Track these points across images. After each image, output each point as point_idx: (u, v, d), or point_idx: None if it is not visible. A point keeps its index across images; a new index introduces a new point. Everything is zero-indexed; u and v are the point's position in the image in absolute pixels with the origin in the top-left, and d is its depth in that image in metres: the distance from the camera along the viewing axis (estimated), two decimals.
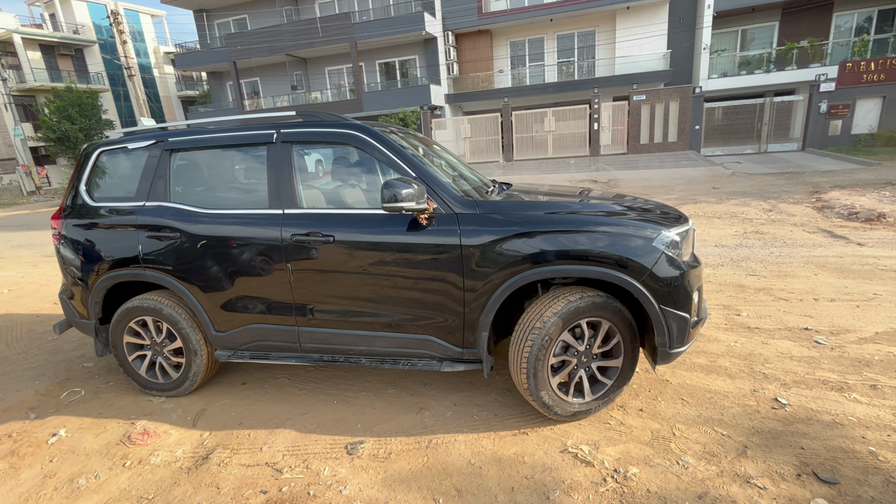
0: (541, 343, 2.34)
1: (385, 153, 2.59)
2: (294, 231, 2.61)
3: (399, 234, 2.49)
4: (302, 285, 2.66)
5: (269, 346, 2.87)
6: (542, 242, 2.33)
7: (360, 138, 2.62)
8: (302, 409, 2.85)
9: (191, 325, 2.93)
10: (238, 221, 2.72)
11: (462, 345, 2.57)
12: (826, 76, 15.06)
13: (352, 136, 2.64)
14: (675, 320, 2.32)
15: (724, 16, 18.64)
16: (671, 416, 2.53)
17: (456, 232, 2.42)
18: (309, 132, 2.70)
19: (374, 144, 2.60)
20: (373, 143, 2.61)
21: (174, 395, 3.09)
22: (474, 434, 2.48)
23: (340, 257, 2.57)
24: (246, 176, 2.90)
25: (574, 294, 2.38)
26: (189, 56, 23.07)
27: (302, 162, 2.82)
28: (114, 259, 2.93)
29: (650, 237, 2.31)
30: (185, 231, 2.78)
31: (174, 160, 2.92)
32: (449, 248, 2.42)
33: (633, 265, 2.27)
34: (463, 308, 2.48)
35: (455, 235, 2.42)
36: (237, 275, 2.74)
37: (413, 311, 2.56)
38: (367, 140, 2.61)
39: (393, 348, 2.66)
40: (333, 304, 2.66)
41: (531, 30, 20.80)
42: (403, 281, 2.52)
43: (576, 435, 2.42)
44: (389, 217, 2.52)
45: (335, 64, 22.22)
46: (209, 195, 2.89)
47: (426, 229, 2.46)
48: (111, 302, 3.15)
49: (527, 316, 2.44)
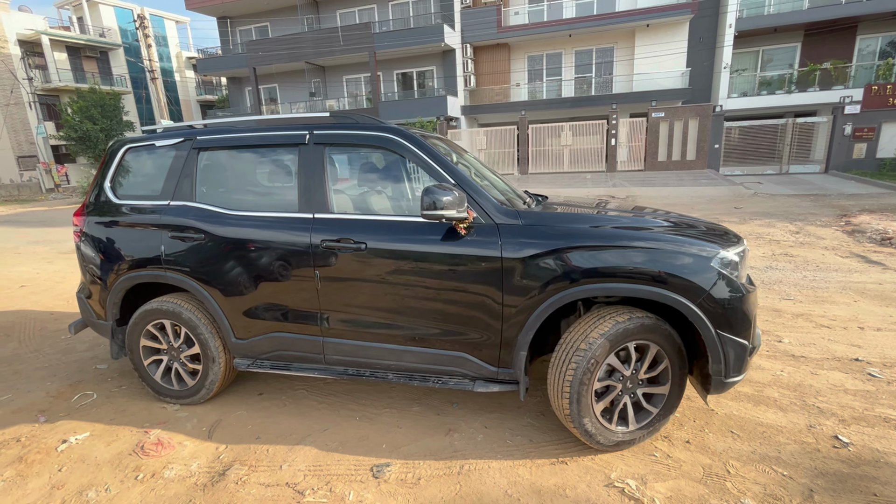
0: (586, 366, 2.17)
1: (423, 158, 2.47)
2: (324, 237, 2.48)
3: (435, 243, 2.35)
4: (329, 293, 2.53)
5: (291, 357, 2.73)
6: (590, 258, 2.17)
7: (397, 142, 2.51)
8: (323, 425, 2.70)
9: (210, 331, 2.81)
10: (265, 225, 2.61)
11: (497, 364, 2.41)
12: (851, 98, 14.83)
13: (388, 139, 2.52)
14: (733, 347, 2.14)
15: (746, 36, 18.54)
16: (722, 451, 2.33)
17: (496, 244, 2.28)
18: (343, 134, 2.60)
19: (412, 149, 2.48)
20: (411, 147, 2.49)
21: (189, 402, 2.96)
22: (509, 461, 2.31)
23: (372, 266, 2.44)
24: (275, 177, 2.79)
25: (622, 314, 2.22)
26: (211, 61, 23.45)
27: (334, 165, 2.71)
28: (135, 259, 2.83)
29: (707, 256, 2.15)
30: (209, 232, 2.67)
31: (201, 159, 2.83)
32: (488, 261, 2.28)
33: (689, 286, 2.10)
34: (500, 325, 2.33)
35: (495, 247, 2.28)
36: (261, 280, 2.62)
37: (446, 325, 2.41)
38: (404, 144, 2.50)
39: (423, 364, 2.51)
40: (362, 315, 2.52)
41: (549, 44, 20.85)
42: (438, 293, 2.37)
43: (620, 467, 2.23)
44: (426, 225, 2.39)
45: (353, 73, 22.42)
46: (236, 196, 2.79)
47: (464, 240, 2.32)
48: (129, 303, 3.04)
49: (569, 336, 2.28)
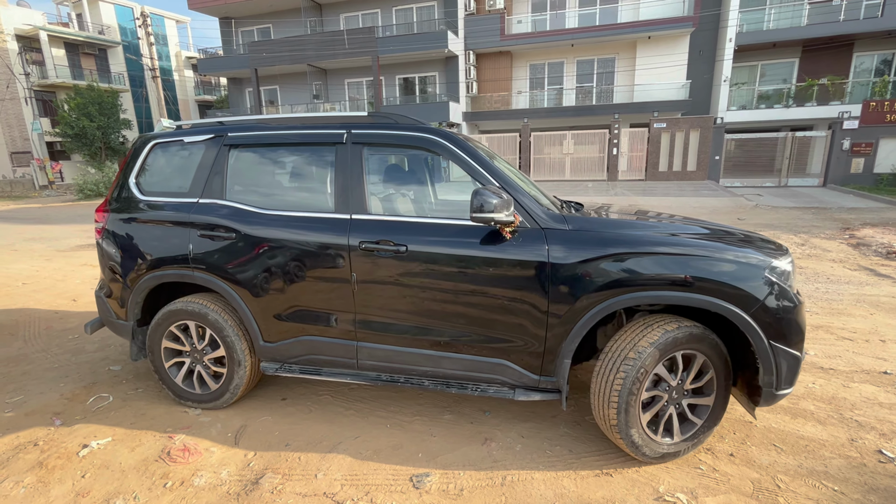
0: (635, 376, 2.12)
1: (467, 160, 2.42)
2: (363, 238, 2.42)
3: (479, 247, 2.30)
4: (366, 297, 2.46)
5: (322, 361, 2.65)
6: (641, 265, 2.13)
7: (439, 143, 2.46)
8: (353, 432, 2.61)
9: (237, 334, 2.72)
10: (300, 225, 2.54)
11: (540, 372, 2.35)
12: (849, 114, 15.07)
13: (430, 140, 2.47)
14: (786, 358, 2.11)
15: (745, 50, 18.80)
16: (768, 465, 2.29)
17: (543, 249, 2.23)
18: (382, 134, 2.54)
19: (455, 151, 2.44)
20: (453, 149, 2.44)
21: (211, 407, 2.86)
22: (552, 472, 2.24)
23: (412, 269, 2.38)
24: (310, 177, 2.73)
25: (670, 323, 2.18)
26: (212, 61, 23.33)
27: (372, 165, 2.65)
28: (161, 257, 2.74)
29: (761, 265, 2.12)
30: (240, 232, 2.59)
31: (233, 156, 2.76)
32: (534, 266, 2.23)
33: (743, 295, 2.07)
34: (545, 332, 2.27)
35: (542, 252, 2.23)
36: (294, 282, 2.54)
37: (487, 332, 2.35)
38: (446, 145, 2.45)
39: (461, 371, 2.45)
40: (399, 319, 2.45)
41: (551, 54, 21.01)
42: (479, 299, 2.32)
43: (667, 480, 2.18)
44: (469, 228, 2.34)
45: (355, 76, 22.41)
46: (268, 195, 2.72)
47: (509, 244, 2.27)
48: (150, 304, 2.95)
49: (615, 344, 2.23)
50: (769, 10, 18.53)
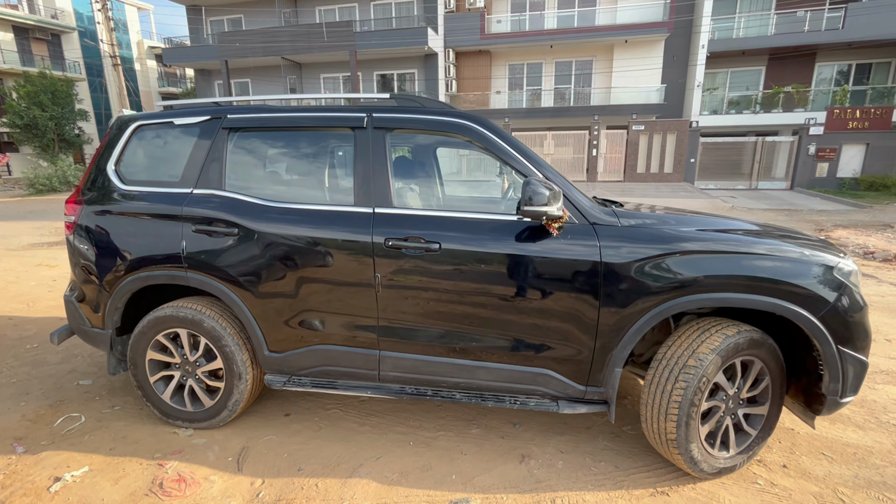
0: (696, 385, 1.94)
1: (506, 149, 2.18)
2: (389, 235, 2.15)
3: (522, 245, 2.07)
4: (391, 300, 2.19)
5: (338, 373, 2.36)
6: (702, 264, 1.96)
7: (474, 130, 2.21)
8: (373, 452, 2.33)
9: (237, 343, 2.39)
10: (315, 219, 2.24)
11: (586, 382, 2.14)
12: (815, 120, 15.74)
13: (464, 126, 2.22)
14: (853, 364, 1.98)
15: (716, 57, 19.38)
16: (824, 477, 2.16)
17: (594, 246, 2.02)
18: (409, 119, 2.27)
19: (493, 139, 2.20)
20: (491, 136, 2.20)
21: (205, 426, 2.52)
22: (604, 493, 2.04)
23: (445, 269, 2.12)
24: (324, 165, 2.44)
25: (730, 328, 2.01)
26: (178, 51, 22.17)
27: (394, 153, 2.38)
28: (147, 256, 2.38)
29: (830, 265, 1.98)
30: (244, 227, 2.27)
31: (233, 141, 2.42)
32: (584, 266, 2.02)
33: (813, 297, 1.92)
34: (594, 338, 2.07)
35: (593, 250, 2.02)
36: (307, 284, 2.24)
37: (530, 338, 2.13)
38: (483, 133, 2.20)
39: (499, 382, 2.21)
40: (429, 326, 2.19)
41: (530, 54, 21.06)
42: (521, 302, 2.09)
43: (727, 499, 2.01)
44: (511, 224, 2.11)
45: (331, 71, 21.79)
46: (276, 186, 2.41)
47: (557, 241, 2.05)
48: (132, 309, 2.57)
49: (671, 351, 2.05)
50: (739, 19, 19.18)
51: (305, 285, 2.25)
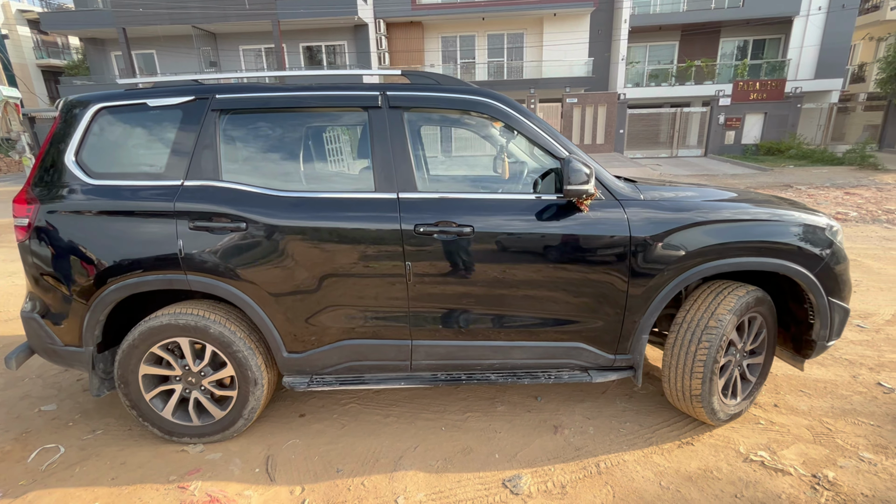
0: (718, 344, 2.12)
1: (530, 126, 2.16)
2: (418, 221, 2.06)
3: (555, 223, 2.09)
4: (423, 289, 2.12)
5: (367, 367, 2.27)
6: (721, 233, 2.11)
7: (496, 108, 2.16)
8: (408, 442, 2.30)
9: (249, 347, 2.20)
10: (333, 208, 2.09)
11: (615, 351, 2.26)
12: (724, 92, 17.30)
13: (486, 104, 2.16)
14: (839, 312, 2.26)
15: (636, 31, 20.45)
16: (809, 410, 2.49)
17: (623, 222, 2.10)
18: (427, 97, 2.16)
19: (516, 116, 2.16)
20: (514, 114, 2.16)
21: (217, 439, 2.32)
22: (639, 451, 2.19)
23: (478, 252, 2.09)
24: (337, 149, 2.25)
25: (740, 289, 2.20)
26: (59, 16, 19.13)
27: (415, 134, 2.26)
28: (135, 260, 2.09)
29: (823, 226, 2.22)
30: (254, 220, 2.06)
31: (226, 124, 2.16)
32: (615, 241, 2.09)
33: (812, 256, 2.15)
34: (623, 309, 2.17)
35: (622, 226, 2.09)
36: (330, 278, 2.10)
37: (563, 315, 2.18)
38: (506, 111, 2.16)
39: (534, 360, 2.25)
40: (464, 311, 2.17)
41: (463, 26, 20.82)
42: (554, 279, 2.13)
43: (741, 440, 2.25)
44: (540, 203, 2.11)
45: (252, 42, 20.03)
46: (280, 173, 2.20)
47: (587, 219, 2.09)
48: (115, 320, 2.26)
49: (689, 314, 2.21)
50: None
51: (328, 280, 2.11)
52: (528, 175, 2.53)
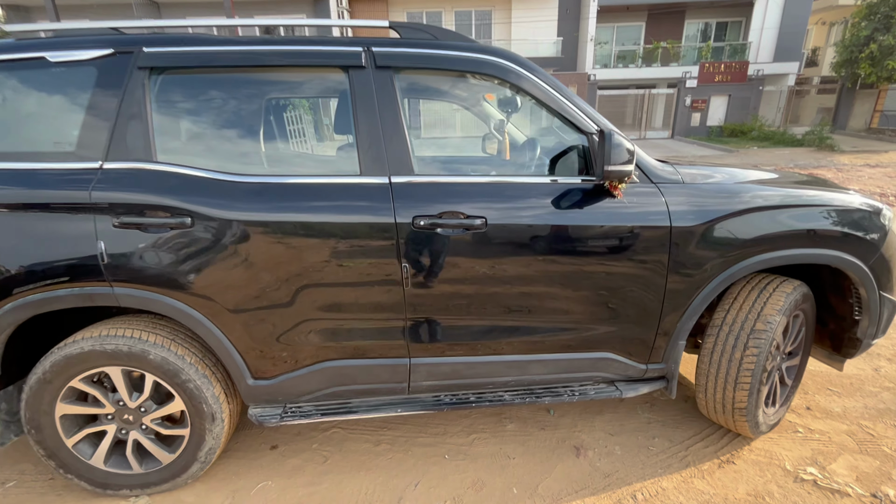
0: (768, 350, 1.84)
1: (552, 94, 1.76)
2: (417, 212, 1.64)
3: (581, 212, 1.72)
4: (425, 296, 1.71)
5: (355, 392, 1.85)
6: (772, 221, 1.80)
7: (510, 70, 1.74)
8: (408, 477, 1.91)
9: (203, 374, 1.74)
10: (307, 196, 1.63)
11: (647, 360, 1.94)
12: (690, 74, 17.44)
13: (496, 65, 1.73)
14: (888, 307, 2.02)
15: (604, 11, 20.24)
16: (843, 412, 2.28)
17: (663, 209, 1.75)
18: (424, 56, 1.71)
19: (536, 81, 1.75)
20: (531, 77, 1.75)
21: (167, 489, 1.85)
22: (677, 475, 1.89)
23: (493, 249, 1.69)
24: (309, 120, 1.77)
25: (786, 285, 1.92)
26: None
27: (410, 102, 1.81)
28: (38, 270, 1.56)
29: (877, 211, 1.95)
30: (202, 214, 1.57)
31: (160, 88, 1.64)
32: (653, 232, 1.75)
33: (867, 245, 1.89)
34: (660, 310, 1.84)
35: (662, 214, 1.75)
36: (308, 286, 1.66)
37: (592, 320, 1.83)
38: (520, 73, 1.74)
39: (555, 374, 1.90)
40: (474, 321, 1.78)
41: (429, 2, 19.96)
42: (581, 279, 1.77)
43: (783, 454, 2.00)
44: (564, 188, 1.74)
45: (200, 13, 18.46)
46: (235, 153, 1.72)
47: (622, 205, 1.74)
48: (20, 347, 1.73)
49: (731, 316, 1.91)
50: None
51: (303, 288, 1.66)
52: (539, 155, 2.14)
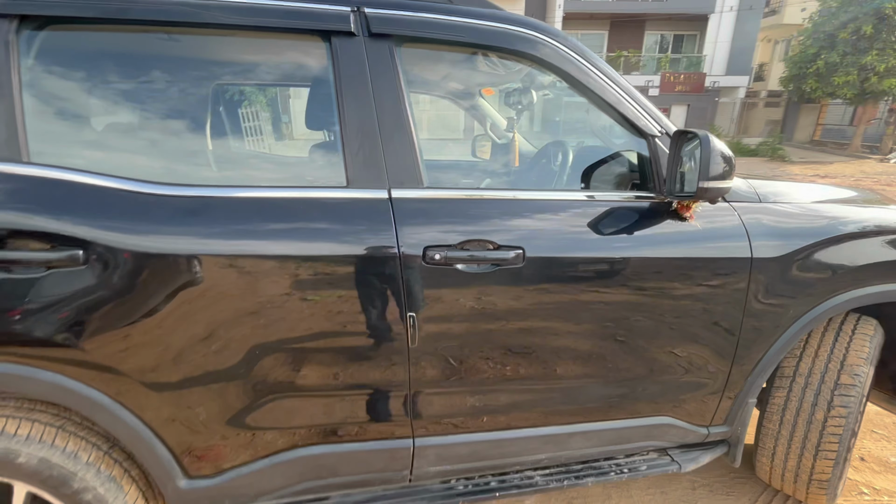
0: (858, 410, 1.49)
1: (606, 84, 1.33)
2: (429, 241, 1.16)
3: (644, 239, 1.31)
4: (436, 355, 1.24)
5: (337, 486, 1.34)
6: (870, 249, 1.45)
7: (547, 47, 1.29)
8: None
9: (110, 477, 1.17)
10: (272, 217, 1.12)
11: (710, 421, 1.55)
12: (653, 83, 17.85)
13: (530, 40, 1.28)
14: None
15: (569, 18, 20.45)
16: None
17: (739, 233, 1.36)
18: (436, 23, 1.24)
19: (583, 65, 1.31)
20: (580, 61, 1.31)
21: None
22: None
23: (530, 291, 1.24)
24: (274, 107, 1.33)
25: (865, 325, 1.59)
26: None
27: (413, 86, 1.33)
28: None
29: None
30: (103, 245, 1.02)
31: (37, 50, 1.08)
32: (729, 263, 1.36)
33: None
34: (730, 362, 1.46)
35: (739, 239, 1.36)
36: (273, 347, 1.14)
37: (648, 377, 1.42)
38: (568, 55, 1.30)
39: (599, 447, 1.48)
40: (500, 385, 1.32)
41: None
42: (640, 325, 1.35)
43: None
44: (615, 208, 1.32)
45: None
46: (164, 153, 1.18)
47: (690, 230, 1.34)
48: None
49: (806, 365, 1.55)
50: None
51: (263, 349, 1.14)
52: (568, 163, 1.72)
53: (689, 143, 1.22)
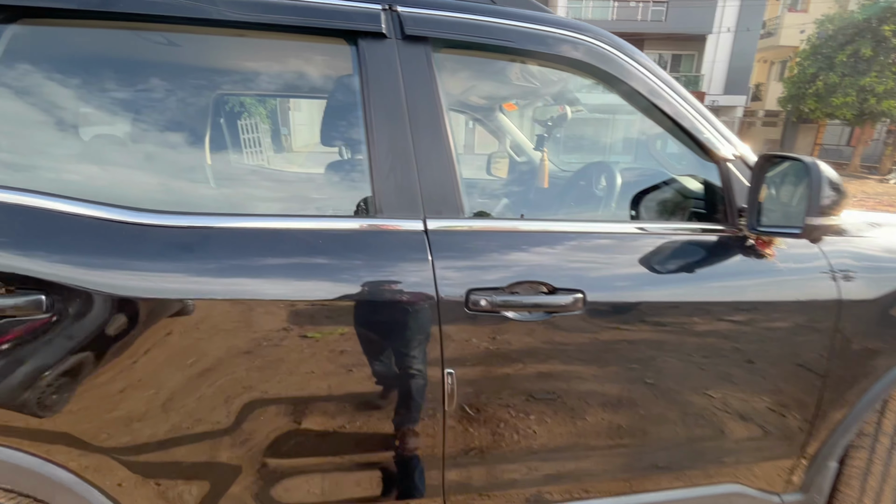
0: None
1: (674, 101, 1.15)
2: (475, 283, 0.96)
3: (720, 277, 1.13)
4: (478, 420, 1.02)
5: None
6: None
7: (610, 57, 1.11)
8: None
9: None
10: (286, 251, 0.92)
11: (784, 488, 1.33)
12: None
13: (591, 49, 1.11)
14: None
15: None
16: None
17: (825, 271, 1.17)
18: (479, 26, 1.06)
19: (649, 78, 1.13)
20: (646, 74, 1.13)
21: None
22: None
23: (591, 341, 1.04)
24: (273, 121, 1.12)
25: None
26: None
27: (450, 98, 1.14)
28: None
29: None
30: (73, 289, 0.81)
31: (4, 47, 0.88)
32: (814, 307, 1.16)
33: None
34: (811, 419, 1.25)
35: (824, 278, 1.17)
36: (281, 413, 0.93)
37: (718, 437, 1.21)
38: (632, 68, 1.12)
39: None
40: (551, 453, 1.10)
41: None
42: (711, 379, 1.15)
43: None
44: (683, 242, 1.13)
45: None
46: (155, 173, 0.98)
47: (770, 269, 1.15)
48: None
49: (891, 421, 1.35)
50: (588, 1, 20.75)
51: (271, 420, 0.93)
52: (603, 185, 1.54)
53: (777, 167, 1.04)
